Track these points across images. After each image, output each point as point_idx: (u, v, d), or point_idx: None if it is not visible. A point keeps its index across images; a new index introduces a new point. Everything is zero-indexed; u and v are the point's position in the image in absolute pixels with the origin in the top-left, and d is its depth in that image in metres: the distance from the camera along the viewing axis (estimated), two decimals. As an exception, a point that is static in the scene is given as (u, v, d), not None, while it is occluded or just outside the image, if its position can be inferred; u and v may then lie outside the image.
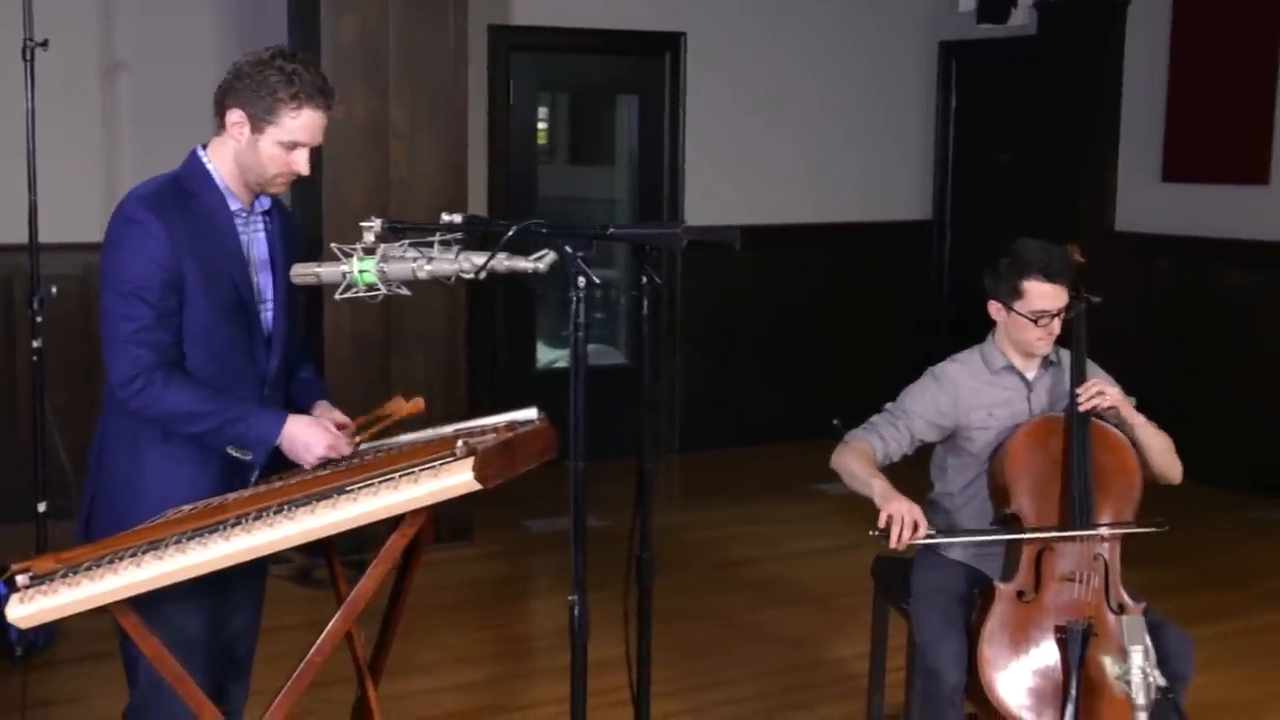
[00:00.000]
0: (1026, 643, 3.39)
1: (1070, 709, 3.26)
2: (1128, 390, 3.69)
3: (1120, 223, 7.79)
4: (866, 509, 3.51)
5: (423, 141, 6.04)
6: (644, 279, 2.93)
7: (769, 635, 5.31)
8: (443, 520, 6.34)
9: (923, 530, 3.39)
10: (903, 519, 3.36)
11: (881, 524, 3.38)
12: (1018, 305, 3.60)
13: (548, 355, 8.41)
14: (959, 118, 8.55)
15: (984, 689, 3.35)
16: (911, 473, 3.85)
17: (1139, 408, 3.66)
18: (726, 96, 7.99)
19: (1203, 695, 4.67)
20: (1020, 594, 3.42)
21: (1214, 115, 7.29)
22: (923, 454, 3.81)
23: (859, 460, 3.60)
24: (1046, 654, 3.37)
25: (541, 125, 8.60)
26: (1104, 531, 3.45)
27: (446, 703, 4.62)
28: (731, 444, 8.18)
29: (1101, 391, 3.53)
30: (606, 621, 2.96)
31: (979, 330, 3.82)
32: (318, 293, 3.37)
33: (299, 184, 6.18)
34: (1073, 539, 3.45)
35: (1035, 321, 3.58)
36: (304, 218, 5.60)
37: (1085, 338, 3.64)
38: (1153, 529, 3.50)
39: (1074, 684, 3.27)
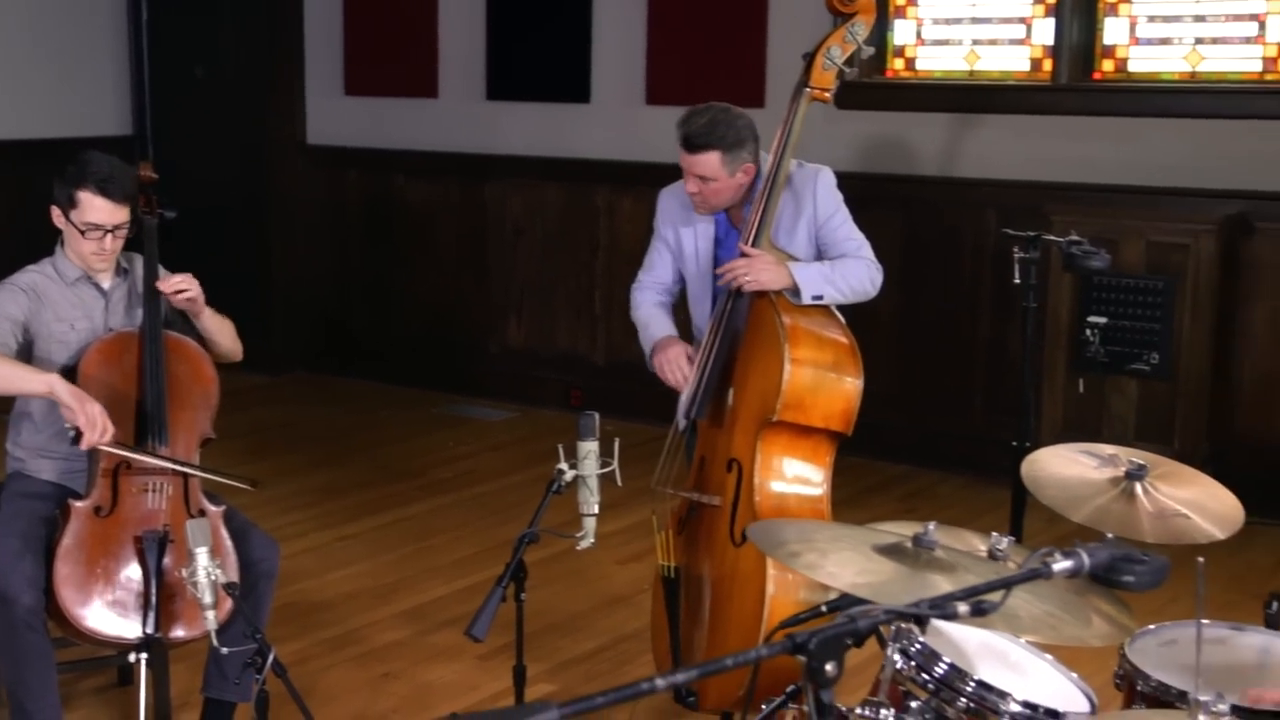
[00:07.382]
0: (107, 557, 3.41)
1: (151, 615, 3.34)
2: None
3: (311, 135, 7.96)
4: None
5: None
6: None
7: None
8: None
9: (109, 436, 3.33)
10: (94, 422, 3.29)
11: (75, 421, 3.30)
12: (74, 215, 3.56)
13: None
14: (153, 30, 8.31)
15: (61, 607, 3.35)
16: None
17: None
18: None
19: (347, 585, 4.98)
20: (98, 510, 3.44)
21: (385, 31, 7.60)
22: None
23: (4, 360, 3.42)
24: (129, 565, 3.42)
25: None
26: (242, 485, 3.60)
27: None
28: None
29: (188, 291, 3.60)
30: None
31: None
32: None
33: None
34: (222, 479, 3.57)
35: (84, 234, 3.55)
36: None
37: (157, 252, 3.67)
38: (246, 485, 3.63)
39: (154, 591, 3.35)
